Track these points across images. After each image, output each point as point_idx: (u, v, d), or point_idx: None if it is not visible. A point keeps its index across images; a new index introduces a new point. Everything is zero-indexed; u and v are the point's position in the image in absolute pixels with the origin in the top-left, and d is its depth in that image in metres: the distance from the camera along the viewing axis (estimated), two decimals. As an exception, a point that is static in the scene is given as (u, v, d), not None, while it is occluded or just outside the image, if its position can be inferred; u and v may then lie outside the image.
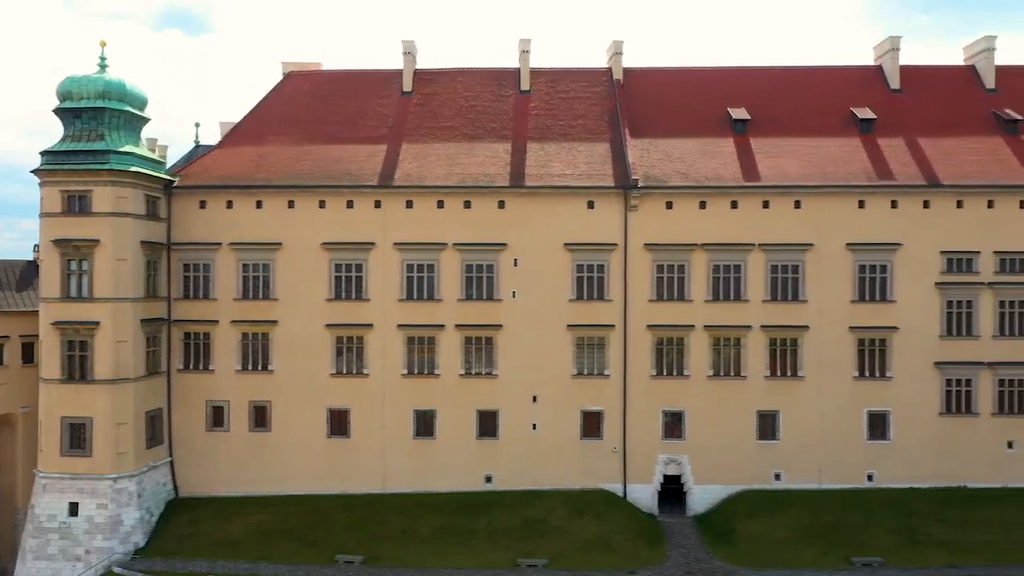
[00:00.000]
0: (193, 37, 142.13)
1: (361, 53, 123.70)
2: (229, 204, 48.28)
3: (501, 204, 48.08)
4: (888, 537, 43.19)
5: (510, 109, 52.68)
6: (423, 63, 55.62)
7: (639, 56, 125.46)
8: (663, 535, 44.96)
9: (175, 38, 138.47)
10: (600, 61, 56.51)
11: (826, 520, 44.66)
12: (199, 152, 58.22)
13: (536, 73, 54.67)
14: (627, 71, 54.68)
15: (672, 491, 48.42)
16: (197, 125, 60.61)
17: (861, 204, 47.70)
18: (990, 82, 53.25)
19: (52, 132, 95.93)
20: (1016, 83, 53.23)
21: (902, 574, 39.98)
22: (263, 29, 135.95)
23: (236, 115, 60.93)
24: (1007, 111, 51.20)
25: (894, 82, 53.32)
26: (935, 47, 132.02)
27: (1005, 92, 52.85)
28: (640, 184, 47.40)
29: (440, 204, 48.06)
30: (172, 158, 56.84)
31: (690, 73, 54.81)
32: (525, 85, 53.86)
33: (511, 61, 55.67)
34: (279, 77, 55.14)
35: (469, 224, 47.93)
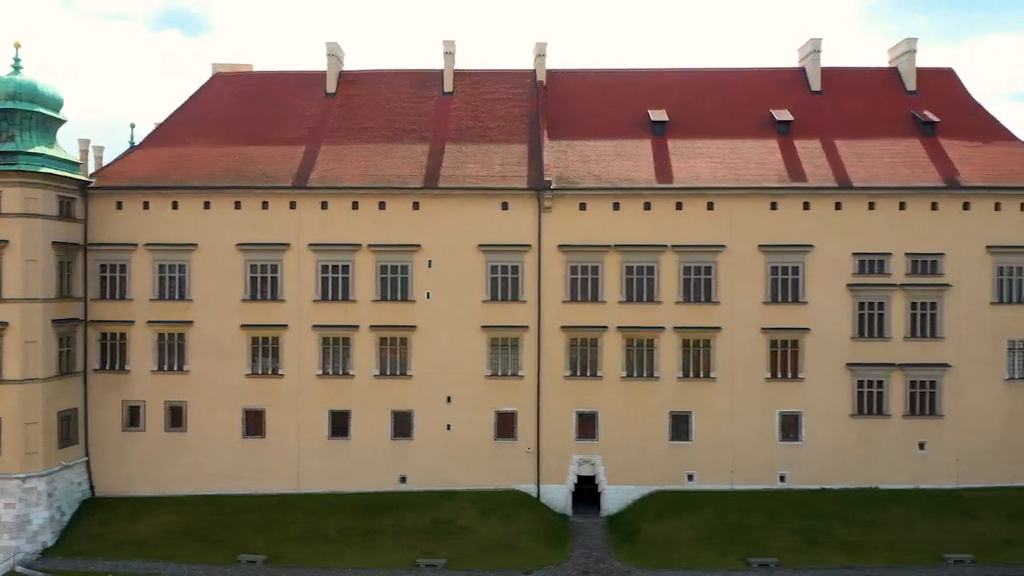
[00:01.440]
0: (191, 37, 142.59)
1: (358, 54, 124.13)
2: (145, 205, 48.49)
3: (415, 205, 48.26)
4: (790, 538, 43.32)
5: (432, 110, 52.86)
6: (358, 65, 55.96)
7: (594, 57, 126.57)
8: (570, 536, 45.11)
9: (173, 38, 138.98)
10: (529, 63, 56.51)
11: (731, 521, 44.82)
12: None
13: (460, 74, 54.84)
14: (551, 73, 54.85)
15: (587, 492, 48.57)
16: (132, 126, 60.65)
17: (773, 206, 47.86)
18: (911, 84, 53.38)
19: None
20: (937, 85, 53.44)
21: (796, 574, 40.11)
22: (262, 30, 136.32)
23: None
24: (925, 113, 51.33)
25: (815, 84, 53.45)
26: (932, 48, 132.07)
27: (926, 94, 53.00)
28: (553, 186, 47.57)
29: (355, 205, 48.24)
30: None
31: (614, 75, 54.98)
32: (448, 87, 54.04)
33: (440, 63, 55.82)
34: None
35: (383, 225, 48.12)
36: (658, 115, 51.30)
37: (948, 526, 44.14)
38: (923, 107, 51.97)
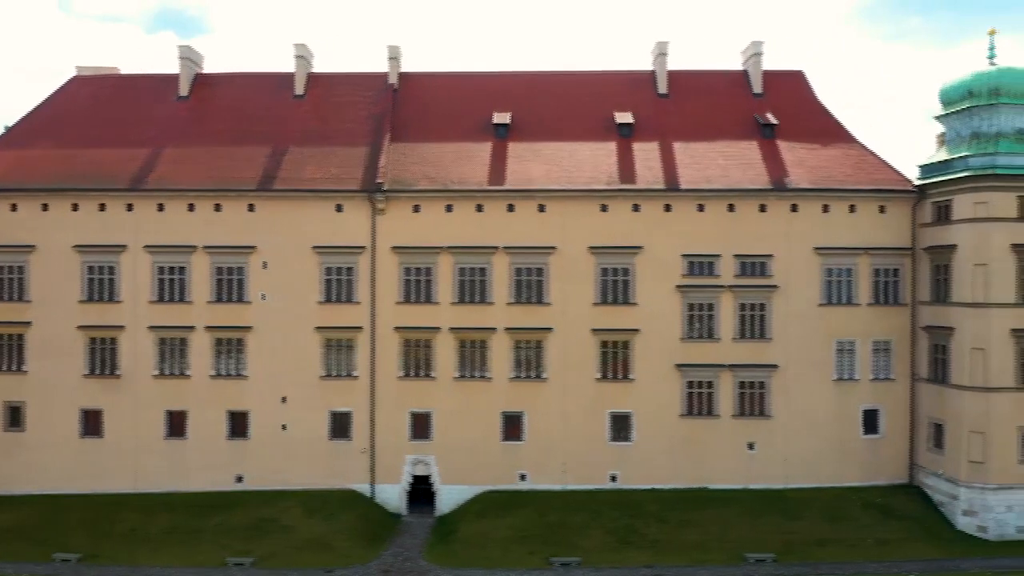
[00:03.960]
0: (187, 39, 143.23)
1: (359, 56, 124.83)
2: (-14, 207, 49.01)
3: (251, 207, 48.68)
4: (603, 537, 43.65)
5: (281, 114, 53.25)
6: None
7: (469, 59, 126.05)
8: (393, 535, 45.46)
9: (168, 40, 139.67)
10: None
11: (551, 520, 45.14)
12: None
13: (316, 78, 55.33)
14: (405, 76, 55.29)
15: (423, 491, 48.96)
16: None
17: (604, 208, 48.24)
18: (757, 87, 53.74)
19: None
20: (784, 88, 53.82)
21: (594, 573, 40.47)
22: (259, 31, 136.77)
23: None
24: (767, 115, 51.68)
25: (662, 87, 53.83)
26: (928, 50, 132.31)
27: (772, 97, 53.38)
28: (385, 187, 47.99)
29: (191, 207, 48.66)
30: None
31: (467, 78, 55.34)
32: (299, 90, 54.47)
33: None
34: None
35: (219, 227, 48.55)
36: (501, 118, 51.70)
37: (764, 526, 44.40)
38: (767, 109, 52.33)
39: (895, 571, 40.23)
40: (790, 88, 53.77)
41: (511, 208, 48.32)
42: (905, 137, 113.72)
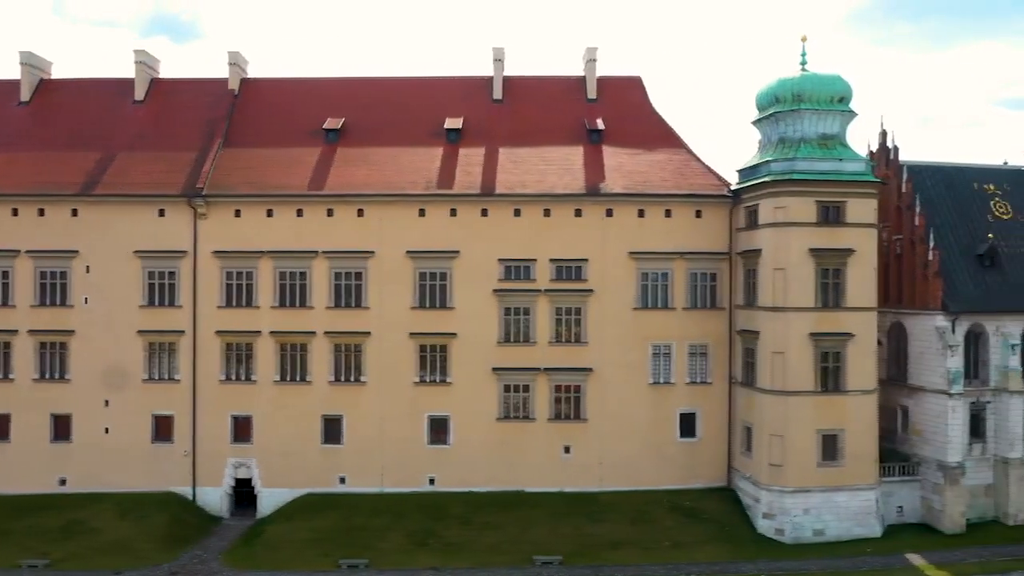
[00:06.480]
0: (180, 44, 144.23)
1: (354, 59, 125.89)
2: None
3: (75, 212, 49.06)
4: (401, 540, 43.92)
5: (118, 119, 53.68)
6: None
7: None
8: (201, 538, 45.62)
9: (162, 45, 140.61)
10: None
11: (356, 523, 45.44)
12: None
13: (157, 83, 55.82)
14: (247, 81, 55.78)
15: (248, 494, 49.27)
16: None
17: (422, 213, 48.61)
18: (592, 92, 54.16)
19: None
20: (620, 93, 54.27)
21: (378, 575, 40.83)
22: (251, 37, 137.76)
23: None
24: (596, 121, 52.08)
25: (497, 92, 54.25)
26: (920, 54, 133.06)
27: (607, 102, 53.83)
28: (205, 192, 48.39)
29: (15, 212, 49.04)
30: None
31: (306, 83, 55.84)
32: (140, 95, 54.89)
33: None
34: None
35: (43, 232, 48.90)
36: (333, 123, 52.13)
37: (565, 528, 44.69)
38: (599, 115, 52.75)
39: (674, 574, 40.58)
40: (625, 94, 54.21)
41: (330, 213, 48.71)
42: (905, 138, 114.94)
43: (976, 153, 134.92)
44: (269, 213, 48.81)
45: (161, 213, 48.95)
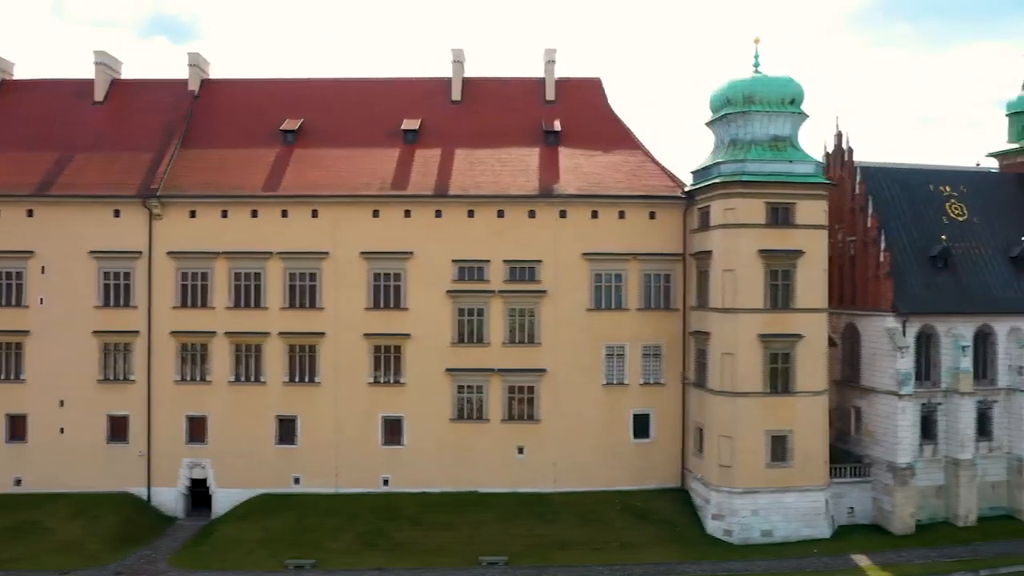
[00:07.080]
0: (179, 44, 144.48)
1: (315, 59, 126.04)
2: None
3: (30, 213, 49.13)
4: (351, 540, 44.07)
5: (77, 120, 53.70)
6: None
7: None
8: (153, 538, 45.67)
9: (162, 45, 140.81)
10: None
11: (308, 523, 45.55)
12: None
13: (117, 84, 55.86)
14: (207, 82, 55.85)
15: (204, 494, 49.37)
16: None
17: (376, 214, 48.71)
18: (551, 94, 54.27)
19: None
20: (578, 95, 54.37)
21: (324, 575, 40.95)
22: (250, 37, 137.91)
23: None
24: (553, 123, 52.17)
25: (456, 94, 54.35)
26: (917, 55, 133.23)
27: (565, 104, 53.93)
28: (160, 193, 48.48)
29: (-30, 213, 49.19)
30: None
31: (267, 85, 55.84)
32: (99, 96, 54.94)
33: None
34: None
35: (-2, 232, 49.08)
36: (290, 124, 52.23)
37: (515, 529, 44.83)
38: (556, 116, 52.83)
39: (620, 574, 40.69)
40: (584, 95, 54.30)
41: (285, 214, 48.80)
42: (903, 139, 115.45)
43: (977, 153, 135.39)
44: (224, 214, 48.89)
45: (116, 214, 49.03)
